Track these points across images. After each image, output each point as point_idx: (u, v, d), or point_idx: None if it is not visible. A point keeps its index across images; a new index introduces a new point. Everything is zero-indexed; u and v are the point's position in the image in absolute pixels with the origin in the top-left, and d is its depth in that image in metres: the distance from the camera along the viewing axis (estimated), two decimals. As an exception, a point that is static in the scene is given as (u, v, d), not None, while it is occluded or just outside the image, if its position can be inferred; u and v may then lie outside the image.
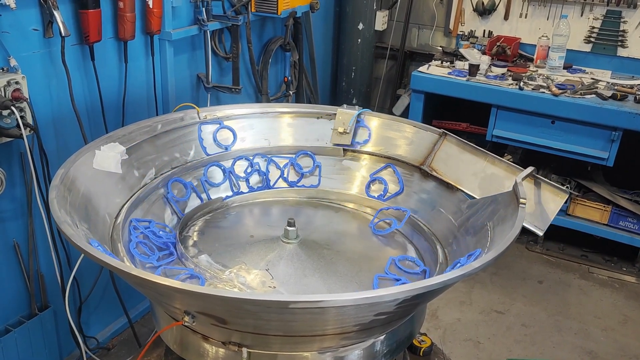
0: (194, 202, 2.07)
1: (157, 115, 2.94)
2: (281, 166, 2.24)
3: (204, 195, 2.10)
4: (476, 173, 1.99)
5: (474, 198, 1.93)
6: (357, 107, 2.26)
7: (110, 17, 2.62)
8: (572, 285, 3.78)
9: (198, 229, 2.01)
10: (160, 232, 1.84)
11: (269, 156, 2.23)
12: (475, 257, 1.60)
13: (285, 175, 2.23)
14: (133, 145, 1.95)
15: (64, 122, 2.53)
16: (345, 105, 2.27)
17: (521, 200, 1.65)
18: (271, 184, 2.22)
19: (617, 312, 3.55)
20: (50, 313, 2.65)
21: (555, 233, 3.82)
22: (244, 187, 2.19)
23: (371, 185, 2.19)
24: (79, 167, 1.74)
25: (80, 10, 2.44)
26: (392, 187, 2.15)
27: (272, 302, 1.28)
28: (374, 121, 2.25)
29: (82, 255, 1.97)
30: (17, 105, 2.17)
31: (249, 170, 2.21)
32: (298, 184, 2.23)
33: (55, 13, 2.27)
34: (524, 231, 1.64)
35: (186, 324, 1.39)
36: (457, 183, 1.99)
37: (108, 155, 1.84)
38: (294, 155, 2.24)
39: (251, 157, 2.21)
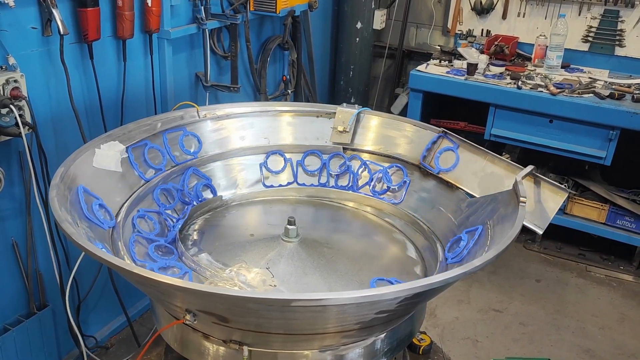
0: (194, 201, 2.06)
1: (155, 114, 2.94)
2: (280, 165, 2.24)
3: (204, 194, 2.10)
4: (476, 172, 1.99)
5: (473, 197, 1.93)
6: (356, 105, 2.26)
7: (109, 16, 2.62)
8: (570, 283, 3.80)
9: (198, 227, 2.01)
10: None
11: (274, 151, 2.24)
12: (477, 233, 1.66)
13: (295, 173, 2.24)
14: (133, 143, 1.94)
15: (62, 120, 2.53)
16: (345, 104, 2.28)
17: (521, 199, 1.66)
18: (274, 183, 2.22)
19: (615, 310, 3.56)
20: (48, 312, 2.64)
21: (553, 232, 3.82)
22: (243, 186, 2.19)
23: (371, 183, 2.19)
24: (79, 165, 1.74)
25: (79, 9, 2.43)
26: (392, 186, 2.15)
27: (275, 300, 1.28)
28: (374, 120, 2.26)
29: (82, 254, 1.98)
30: (15, 103, 2.17)
31: (249, 169, 2.20)
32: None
33: (54, 11, 2.27)
34: (522, 230, 1.64)
35: (187, 322, 1.39)
36: (457, 182, 2.00)
37: (108, 154, 1.84)
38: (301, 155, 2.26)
39: (252, 156, 2.21)
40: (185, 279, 1.66)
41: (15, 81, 2.17)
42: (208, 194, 2.11)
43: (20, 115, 2.18)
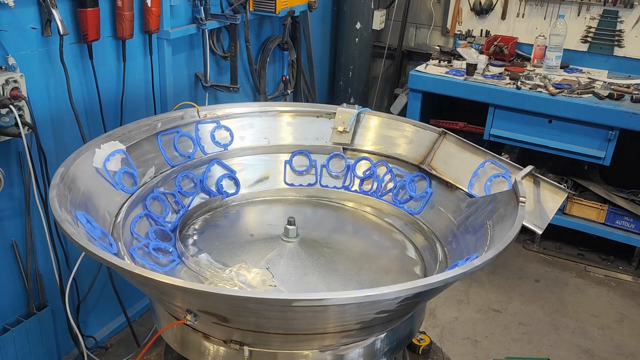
0: (194, 201, 2.06)
1: (155, 114, 2.94)
2: (280, 165, 2.24)
3: (203, 194, 2.10)
4: (474, 171, 1.99)
5: (473, 197, 1.93)
6: (356, 106, 2.26)
7: (108, 16, 2.62)
8: (569, 284, 3.80)
9: (198, 227, 2.01)
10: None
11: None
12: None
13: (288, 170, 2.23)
14: (133, 143, 1.94)
15: (62, 120, 2.53)
16: (345, 104, 2.28)
17: (521, 199, 1.66)
18: (275, 182, 2.22)
19: (614, 310, 3.56)
20: (48, 312, 2.64)
21: (552, 232, 3.83)
22: (243, 186, 2.19)
23: (370, 183, 2.19)
24: (79, 165, 1.74)
25: (78, 9, 2.43)
26: (392, 186, 2.15)
27: (275, 300, 1.28)
28: (374, 120, 2.26)
29: (82, 254, 1.98)
30: (15, 103, 2.17)
31: (249, 169, 2.20)
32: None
33: (54, 11, 2.27)
34: (522, 230, 1.64)
35: (188, 322, 1.39)
36: (457, 182, 2.00)
37: (108, 154, 1.83)
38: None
39: (252, 156, 2.21)
40: (178, 270, 1.65)
41: (15, 81, 2.17)
42: (208, 194, 2.11)
43: (19, 116, 2.18)
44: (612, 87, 3.67)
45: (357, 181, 2.21)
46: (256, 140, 2.24)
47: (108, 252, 1.43)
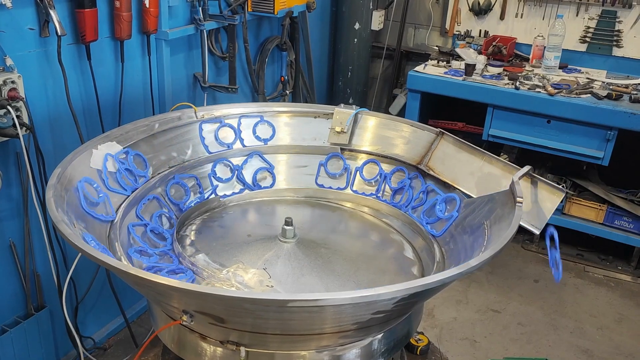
0: (191, 202, 2.06)
1: (153, 114, 2.94)
2: (278, 165, 2.24)
3: (201, 195, 2.10)
4: (473, 172, 1.99)
5: (471, 197, 1.93)
6: (354, 106, 2.27)
7: (106, 17, 2.62)
8: (568, 284, 3.80)
9: (195, 228, 2.01)
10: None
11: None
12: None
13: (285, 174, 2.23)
14: (130, 144, 1.94)
15: (60, 121, 2.53)
16: (342, 105, 2.28)
17: (518, 199, 1.66)
18: (270, 183, 2.22)
19: (613, 310, 3.56)
20: (46, 313, 2.64)
21: (551, 232, 3.83)
22: (241, 186, 2.19)
23: (368, 184, 2.19)
24: (76, 166, 1.74)
25: (76, 10, 2.43)
26: (390, 186, 2.15)
27: (271, 300, 1.28)
28: (371, 120, 2.26)
29: (79, 254, 1.98)
30: (13, 104, 2.17)
31: (247, 169, 2.20)
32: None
33: (52, 12, 2.26)
34: (520, 230, 1.64)
35: (184, 323, 1.39)
36: (454, 182, 2.00)
37: (105, 155, 1.83)
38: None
39: (249, 156, 2.21)
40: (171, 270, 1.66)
41: (13, 82, 2.17)
42: (203, 194, 2.11)
43: (17, 116, 2.18)
44: (611, 87, 3.67)
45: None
46: (254, 141, 2.23)
47: (105, 253, 1.43)
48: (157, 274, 1.64)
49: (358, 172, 2.22)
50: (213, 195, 2.13)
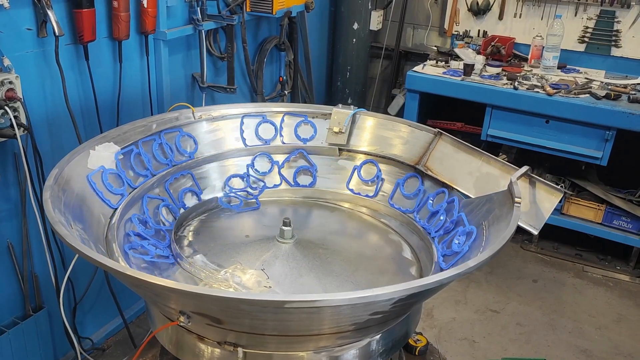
0: (189, 202, 2.06)
1: (151, 115, 2.93)
2: (277, 165, 2.24)
3: (199, 195, 2.09)
4: (471, 172, 1.99)
5: (469, 197, 1.93)
6: (352, 106, 2.26)
7: (104, 17, 2.61)
8: (567, 284, 3.80)
9: (193, 228, 2.00)
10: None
11: (269, 154, 2.23)
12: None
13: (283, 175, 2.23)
14: (128, 145, 1.94)
15: (58, 122, 2.52)
16: (340, 105, 2.27)
17: (516, 199, 1.65)
18: (267, 184, 2.22)
19: (611, 310, 3.56)
20: (44, 314, 2.64)
21: (550, 232, 3.84)
22: (238, 187, 2.19)
23: (367, 184, 2.19)
24: (74, 167, 1.73)
25: (74, 10, 2.43)
26: (387, 187, 2.15)
27: (268, 302, 1.27)
28: (369, 121, 2.25)
29: (77, 255, 1.97)
30: (10, 105, 2.16)
31: (245, 169, 2.20)
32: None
33: (49, 12, 2.26)
34: (519, 230, 1.64)
35: (182, 324, 1.39)
36: (453, 182, 1.99)
37: (103, 155, 1.83)
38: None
39: (246, 157, 2.20)
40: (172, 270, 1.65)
41: (10, 82, 2.17)
42: (199, 196, 2.10)
43: (15, 117, 2.18)
44: (610, 87, 3.67)
45: (353, 182, 2.20)
46: (252, 141, 2.23)
47: (101, 255, 1.42)
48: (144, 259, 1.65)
49: (356, 171, 2.21)
50: (211, 196, 2.12)
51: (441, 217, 1.92)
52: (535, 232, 1.78)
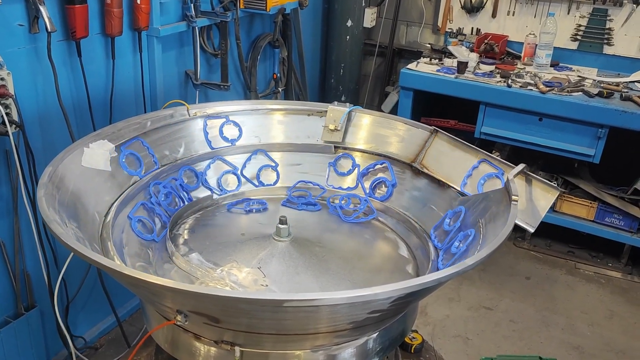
0: (184, 200, 2.04)
1: (145, 112, 2.91)
2: (273, 163, 2.23)
3: (194, 193, 2.08)
4: (467, 170, 1.99)
5: (465, 195, 1.93)
6: (348, 104, 2.25)
7: (97, 13, 2.59)
8: (559, 281, 3.82)
9: (188, 227, 1.99)
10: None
11: (265, 151, 2.22)
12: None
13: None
14: (122, 142, 1.92)
15: (50, 119, 2.49)
16: (336, 103, 2.27)
17: (513, 197, 1.66)
18: (263, 181, 2.21)
19: (603, 307, 3.59)
20: (36, 313, 2.61)
21: (542, 229, 3.80)
22: (234, 185, 2.18)
23: (363, 182, 2.19)
24: (68, 164, 1.72)
25: (66, 6, 2.40)
26: (384, 184, 2.15)
27: (266, 300, 1.27)
28: (366, 118, 2.25)
29: (71, 254, 1.95)
30: (2, 101, 2.14)
31: (240, 167, 2.19)
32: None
33: (41, 8, 2.23)
34: (513, 228, 1.64)
35: (178, 323, 1.38)
36: (449, 180, 1.99)
37: (97, 153, 1.81)
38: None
39: (241, 154, 2.19)
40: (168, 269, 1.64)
41: (2, 79, 2.14)
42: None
43: (7, 114, 2.16)
44: (602, 85, 3.69)
45: (349, 180, 2.19)
46: (247, 139, 2.22)
47: (97, 254, 1.41)
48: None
49: (356, 170, 2.21)
50: (207, 194, 2.11)
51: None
52: (532, 230, 1.79)
